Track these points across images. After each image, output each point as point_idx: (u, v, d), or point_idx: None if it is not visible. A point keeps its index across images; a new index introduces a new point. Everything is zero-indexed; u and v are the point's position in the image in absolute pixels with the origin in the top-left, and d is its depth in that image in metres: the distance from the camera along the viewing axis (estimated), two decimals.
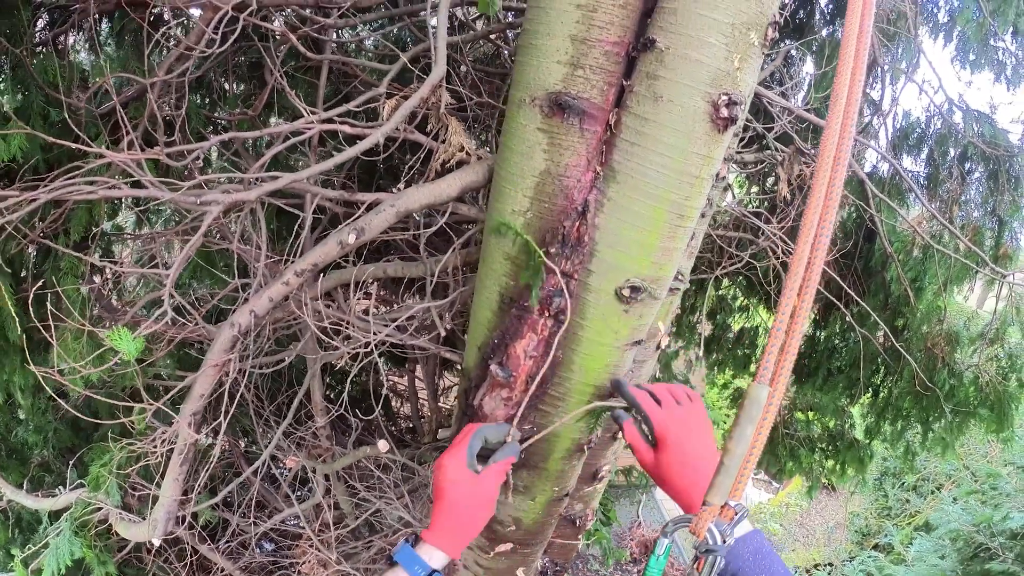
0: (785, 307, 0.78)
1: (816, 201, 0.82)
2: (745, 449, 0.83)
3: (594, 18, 1.07)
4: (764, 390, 0.80)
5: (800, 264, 0.80)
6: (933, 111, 3.27)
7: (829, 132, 0.85)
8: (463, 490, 1.09)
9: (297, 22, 1.93)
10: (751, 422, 0.81)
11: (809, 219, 0.81)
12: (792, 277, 0.80)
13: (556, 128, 1.11)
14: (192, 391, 1.62)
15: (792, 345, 0.83)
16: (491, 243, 1.25)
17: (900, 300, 3.30)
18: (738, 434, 0.81)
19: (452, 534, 1.07)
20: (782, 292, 0.79)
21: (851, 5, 0.97)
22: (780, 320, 0.79)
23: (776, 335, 0.78)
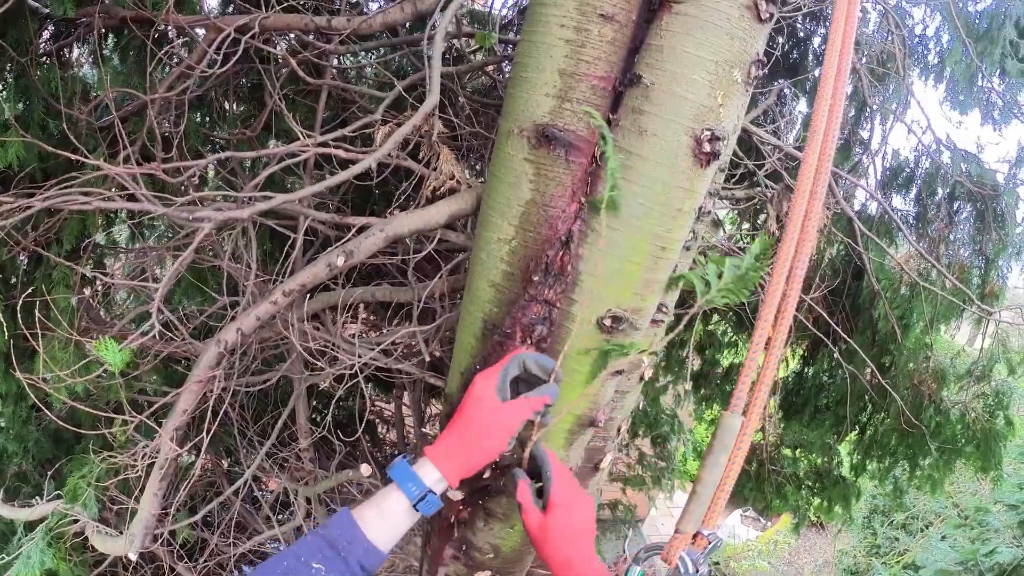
0: (759, 338, 0.80)
1: (791, 233, 0.84)
2: (718, 477, 0.84)
3: (582, 53, 1.10)
4: (737, 419, 0.81)
5: (775, 294, 0.81)
6: (922, 151, 3.32)
7: (806, 167, 0.87)
8: (483, 412, 1.03)
9: (298, 46, 1.97)
10: (724, 450, 0.83)
11: (785, 251, 0.83)
12: (767, 307, 0.81)
13: (543, 159, 1.14)
14: (175, 406, 1.62)
15: (766, 376, 0.85)
16: (476, 270, 1.27)
17: (887, 337, 3.32)
18: (711, 462, 0.82)
19: (456, 456, 1.02)
20: (756, 323, 0.81)
21: (830, 46, 1.00)
22: (754, 351, 0.80)
23: (750, 365, 0.79)
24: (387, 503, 0.99)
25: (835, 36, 1.08)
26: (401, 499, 0.99)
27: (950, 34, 3.23)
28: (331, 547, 0.90)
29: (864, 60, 3.05)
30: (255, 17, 1.69)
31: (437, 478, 1.01)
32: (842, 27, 1.08)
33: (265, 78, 2.02)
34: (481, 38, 1.61)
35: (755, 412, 0.81)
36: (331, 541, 0.91)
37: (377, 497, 1.00)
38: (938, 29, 3.44)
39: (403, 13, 1.55)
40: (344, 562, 0.90)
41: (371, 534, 0.94)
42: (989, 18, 3.06)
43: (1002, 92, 3.26)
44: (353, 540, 0.92)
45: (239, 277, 1.81)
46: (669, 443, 4.42)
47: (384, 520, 0.97)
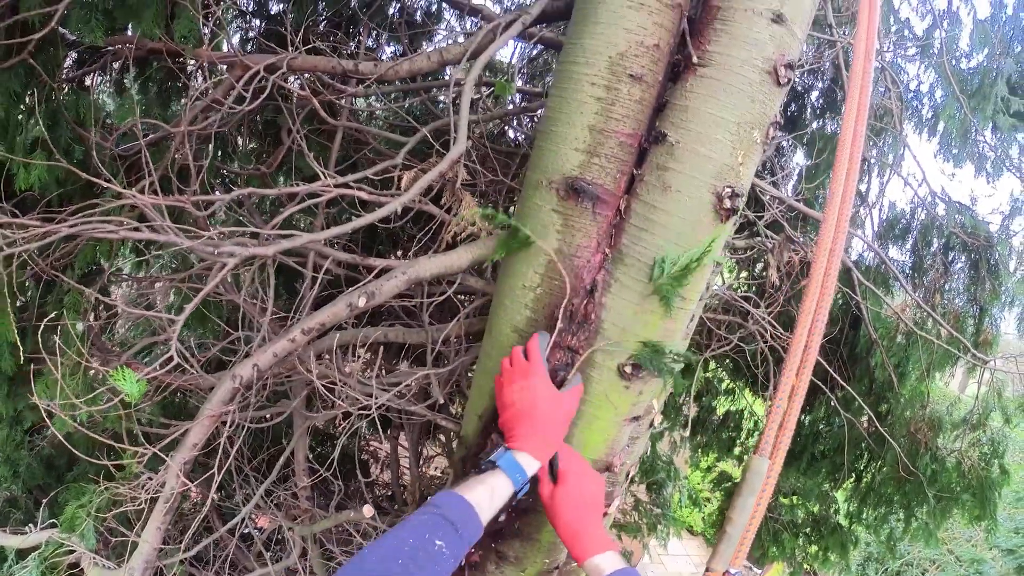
0: (784, 386, 0.82)
1: (813, 289, 0.87)
2: (747, 518, 0.86)
3: (612, 111, 1.15)
4: (765, 463, 0.83)
5: (799, 346, 0.84)
6: (917, 203, 3.40)
7: (826, 226, 0.91)
8: (553, 406, 1.14)
9: (318, 86, 2.01)
10: (752, 493, 0.85)
11: (807, 305, 0.86)
12: (791, 358, 0.84)
13: (570, 210, 1.17)
14: (185, 440, 1.61)
15: (790, 421, 0.87)
16: (499, 315, 1.29)
17: (884, 385, 3.35)
18: (740, 504, 0.84)
19: (544, 444, 1.12)
20: (782, 372, 0.84)
21: (847, 112, 1.05)
22: (780, 398, 0.83)
23: (775, 412, 0.82)
24: (497, 487, 1.07)
25: (851, 107, 1.13)
26: (508, 485, 1.08)
27: (944, 90, 3.34)
28: (451, 525, 0.97)
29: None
30: (283, 57, 1.74)
31: (535, 469, 1.11)
32: (856, 99, 1.13)
33: (285, 116, 2.05)
34: (500, 87, 1.66)
35: (780, 456, 0.84)
36: (451, 520, 0.97)
37: (485, 482, 1.07)
38: (932, 85, 3.56)
39: (429, 62, 1.59)
40: (460, 539, 0.97)
41: (482, 514, 1.03)
42: (981, 75, 3.17)
43: (994, 146, 3.36)
44: (469, 520, 1.00)
45: (253, 313, 1.82)
46: (665, 490, 4.38)
47: (493, 502, 1.06)
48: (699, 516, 8.35)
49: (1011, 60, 3.26)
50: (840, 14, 3.01)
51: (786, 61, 1.15)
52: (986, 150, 3.42)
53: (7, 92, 1.81)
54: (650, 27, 1.15)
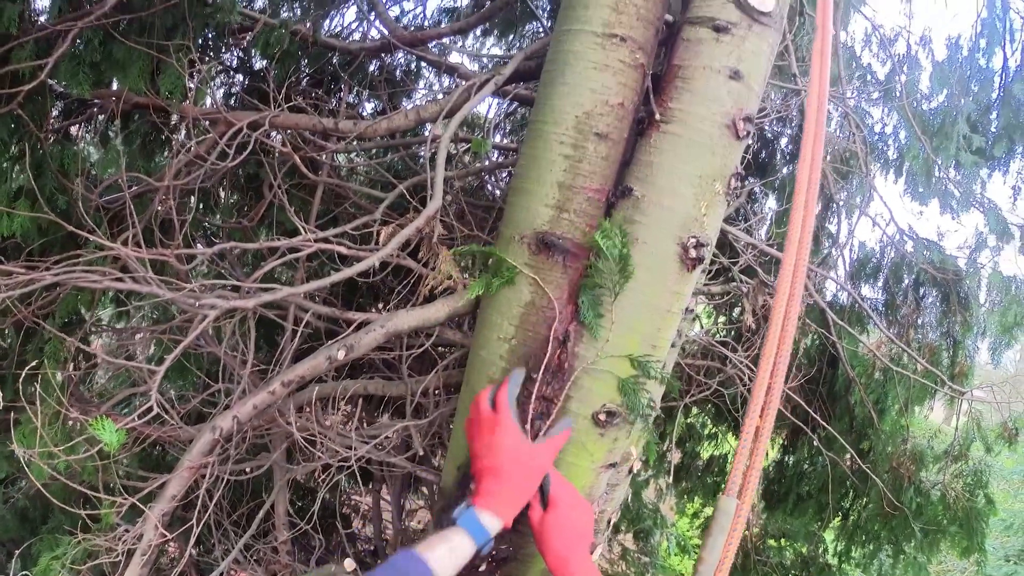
0: (749, 427, 0.85)
1: (773, 332, 0.91)
2: (718, 557, 0.87)
3: (579, 167, 1.20)
4: (733, 502, 0.85)
5: (761, 388, 0.87)
6: (886, 241, 3.49)
7: (784, 273, 0.95)
8: (521, 461, 1.13)
9: (299, 142, 2.06)
10: (722, 532, 0.87)
11: (768, 349, 0.90)
12: (754, 400, 0.87)
13: (542, 264, 1.21)
14: (164, 491, 1.59)
15: (756, 462, 0.90)
16: (475, 366, 1.31)
17: (865, 422, 3.38)
18: (711, 543, 0.86)
19: (508, 503, 1.11)
20: (746, 414, 0.86)
21: (801, 166, 1.10)
22: (745, 439, 0.85)
23: (741, 452, 0.84)
24: (458, 545, 1.06)
25: (806, 153, 1.19)
26: (469, 542, 1.06)
27: (907, 131, 3.47)
28: None
29: (828, 159, 3.26)
30: (266, 115, 1.79)
31: (497, 528, 1.09)
32: (811, 145, 1.20)
33: (267, 170, 2.10)
34: (476, 144, 1.72)
35: (748, 495, 0.86)
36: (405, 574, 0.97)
37: (446, 539, 1.06)
38: (896, 127, 3.69)
39: (406, 120, 1.65)
40: None
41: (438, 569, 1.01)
42: (942, 115, 3.31)
43: (958, 183, 3.48)
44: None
45: (234, 365, 1.82)
46: (652, 537, 4.35)
47: (454, 560, 1.05)
48: (689, 563, 8.21)
49: (970, 100, 3.40)
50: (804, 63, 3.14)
51: (744, 115, 1.21)
52: (951, 187, 3.53)
53: None
54: (614, 87, 1.21)
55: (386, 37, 2.16)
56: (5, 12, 1.58)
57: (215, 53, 2.48)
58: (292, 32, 2.14)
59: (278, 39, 2.08)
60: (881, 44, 3.60)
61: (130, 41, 1.87)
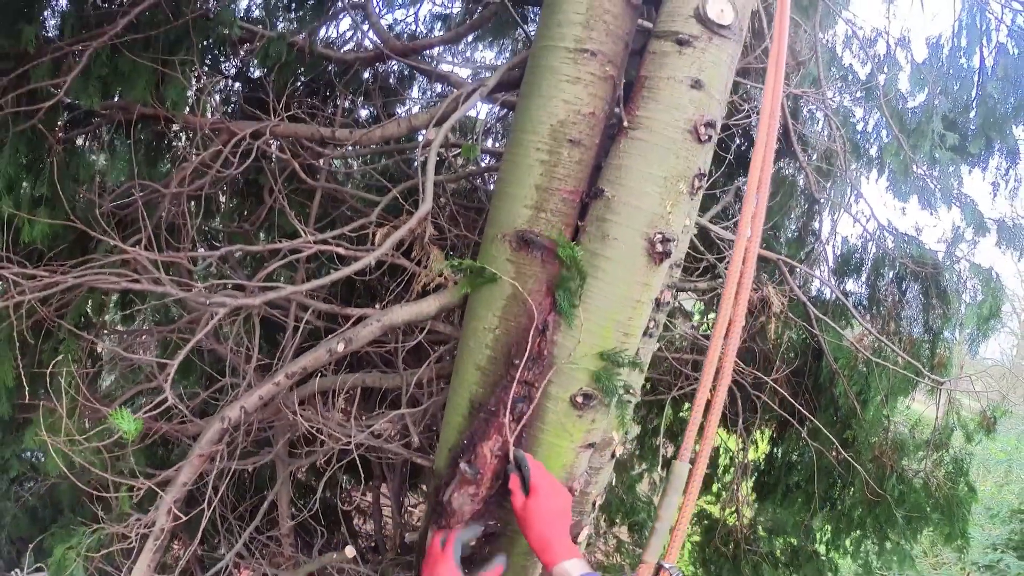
0: (700, 400, 0.96)
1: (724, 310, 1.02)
2: (673, 515, 0.99)
3: (555, 172, 1.32)
4: (685, 467, 0.97)
5: (711, 366, 0.98)
6: (868, 237, 3.59)
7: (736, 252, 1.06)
8: None
9: (298, 149, 2.17)
10: (676, 492, 0.98)
11: (718, 329, 1.01)
12: (705, 377, 0.98)
13: (522, 260, 1.33)
14: (176, 480, 1.69)
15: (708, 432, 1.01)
16: (464, 355, 1.43)
17: (849, 413, 3.46)
18: (666, 503, 0.98)
19: None
20: (698, 390, 0.98)
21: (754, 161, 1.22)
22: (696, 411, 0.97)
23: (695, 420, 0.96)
24: None
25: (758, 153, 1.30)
26: None
27: (888, 130, 3.57)
28: None
29: (812, 158, 3.37)
30: (266, 124, 1.90)
31: None
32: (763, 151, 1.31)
33: (267, 176, 2.20)
34: (466, 150, 1.83)
35: (701, 462, 0.97)
36: None
37: None
38: (877, 125, 3.79)
39: (399, 128, 1.77)
40: None
41: None
42: (922, 114, 3.40)
43: (936, 179, 3.58)
44: None
45: (238, 362, 1.93)
46: (646, 530, 4.44)
47: None
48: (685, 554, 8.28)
49: (948, 99, 3.50)
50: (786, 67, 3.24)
51: (706, 120, 1.32)
52: (928, 183, 3.63)
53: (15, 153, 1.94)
54: (586, 97, 1.33)
55: (379, 47, 2.27)
56: (24, 33, 1.69)
57: (215, 64, 2.59)
58: (290, 43, 2.25)
59: (277, 50, 2.18)
60: (861, 45, 3.70)
61: (135, 55, 1.98)
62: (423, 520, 1.64)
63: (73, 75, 1.69)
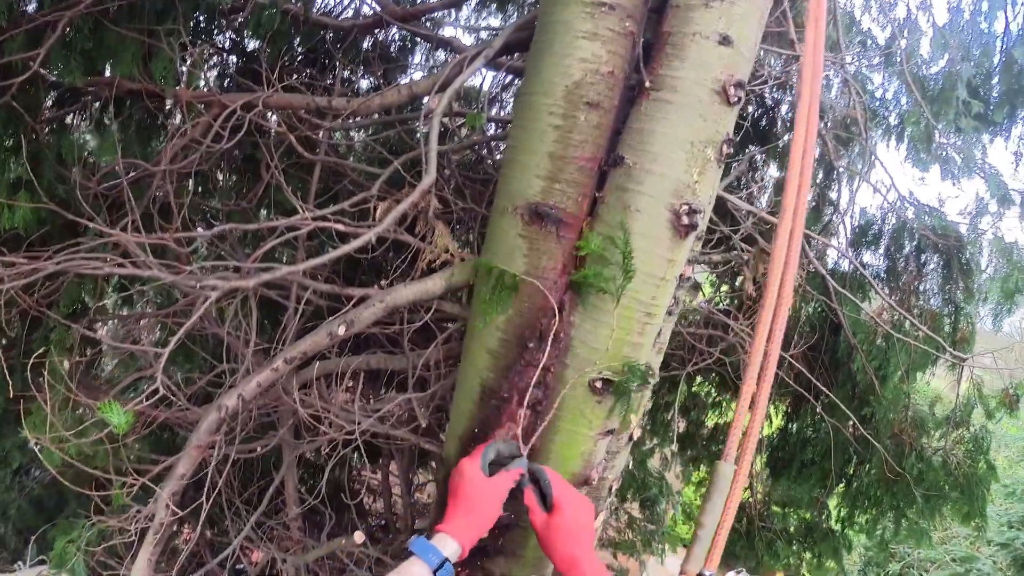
0: (746, 395, 0.87)
1: (769, 299, 0.92)
2: (716, 519, 0.90)
3: (570, 138, 1.20)
4: (730, 467, 0.87)
5: (758, 355, 0.89)
6: (888, 208, 3.47)
7: (781, 230, 0.96)
8: (478, 488, 1.17)
9: (295, 121, 2.06)
10: (721, 495, 0.89)
11: (764, 315, 0.91)
12: (751, 367, 0.89)
13: (535, 234, 1.22)
14: (173, 471, 1.62)
15: (754, 429, 0.92)
16: (473, 338, 1.33)
17: (867, 389, 3.38)
18: (710, 507, 0.89)
19: (465, 526, 1.15)
20: (742, 384, 0.88)
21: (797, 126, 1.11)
22: (741, 406, 0.87)
23: (739, 420, 0.86)
24: (411, 572, 1.08)
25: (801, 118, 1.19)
26: (424, 568, 1.08)
27: (908, 97, 3.44)
28: None
29: (829, 125, 3.23)
30: (259, 96, 1.79)
31: (454, 548, 1.12)
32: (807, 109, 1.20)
33: (263, 151, 2.10)
34: (471, 118, 1.72)
35: (745, 461, 0.88)
36: None
37: (400, 568, 1.09)
38: (896, 92, 3.65)
39: (400, 95, 1.65)
40: None
41: None
42: (943, 80, 3.27)
43: (959, 148, 3.45)
44: None
45: (237, 345, 1.85)
46: (658, 506, 4.39)
47: None
48: None
49: (970, 64, 3.36)
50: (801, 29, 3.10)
51: (735, 80, 1.21)
52: (951, 152, 3.50)
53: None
54: (604, 55, 1.21)
55: (379, 13, 2.15)
56: None
57: (207, 36, 2.47)
58: (283, 11, 2.13)
59: (270, 19, 2.06)
60: (881, 8, 3.54)
61: (121, 27, 1.86)
62: (433, 510, 1.56)
63: (47, 46, 1.58)
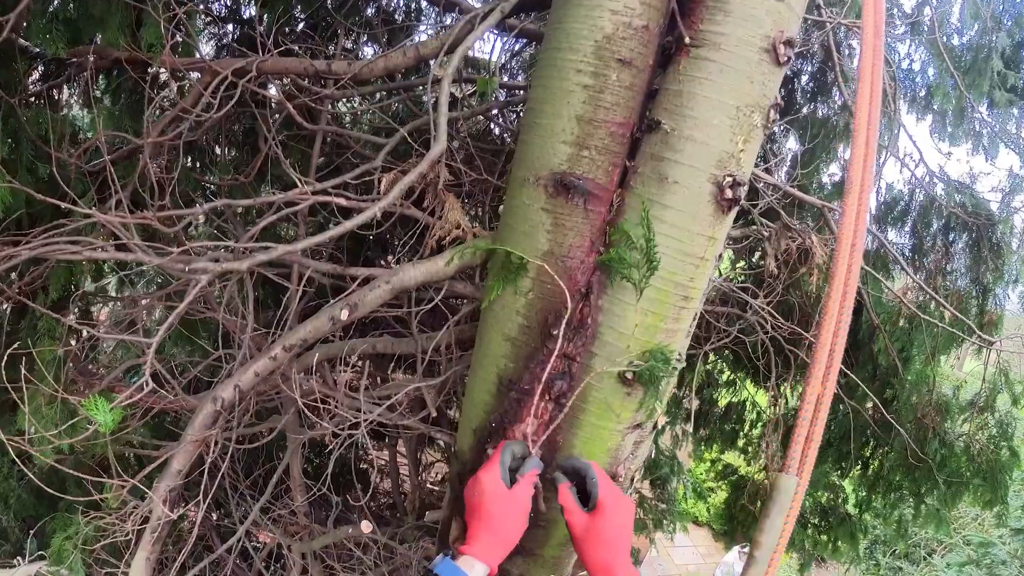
0: (810, 395, 0.75)
1: (836, 288, 0.80)
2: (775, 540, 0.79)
3: (600, 99, 1.07)
4: (793, 480, 0.76)
5: (824, 350, 0.77)
6: (915, 183, 3.34)
7: (845, 220, 0.83)
8: (500, 503, 1.09)
9: (294, 90, 1.93)
10: (781, 513, 0.78)
11: (830, 307, 0.79)
12: (816, 365, 0.77)
13: (560, 208, 1.09)
14: (169, 466, 1.53)
15: (816, 433, 0.80)
16: (489, 323, 1.21)
17: (888, 371, 3.28)
18: (768, 525, 0.78)
19: (491, 546, 1.07)
20: (807, 381, 0.76)
21: (860, 95, 0.97)
22: (805, 410, 0.75)
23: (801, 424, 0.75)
24: None
25: (864, 89, 1.05)
26: None
27: (936, 68, 3.28)
28: None
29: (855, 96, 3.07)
30: (251, 61, 1.65)
31: (481, 571, 1.05)
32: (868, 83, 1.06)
33: (259, 123, 1.97)
34: (483, 83, 1.58)
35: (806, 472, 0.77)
36: None
37: None
38: (924, 63, 3.49)
39: (405, 58, 1.51)
40: None
41: None
42: (974, 51, 3.12)
43: (990, 122, 3.30)
44: None
45: (233, 329, 1.74)
46: (669, 485, 4.32)
47: None
48: (704, 507, 8.30)
49: (1003, 34, 3.20)
50: None
51: (785, 38, 1.07)
52: (982, 127, 3.36)
53: None
54: (637, 7, 1.07)
55: None
56: None
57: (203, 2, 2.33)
58: None
59: None
60: None
61: None
62: (445, 506, 1.46)
63: (18, 10, 1.44)
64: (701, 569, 8.32)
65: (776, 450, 3.98)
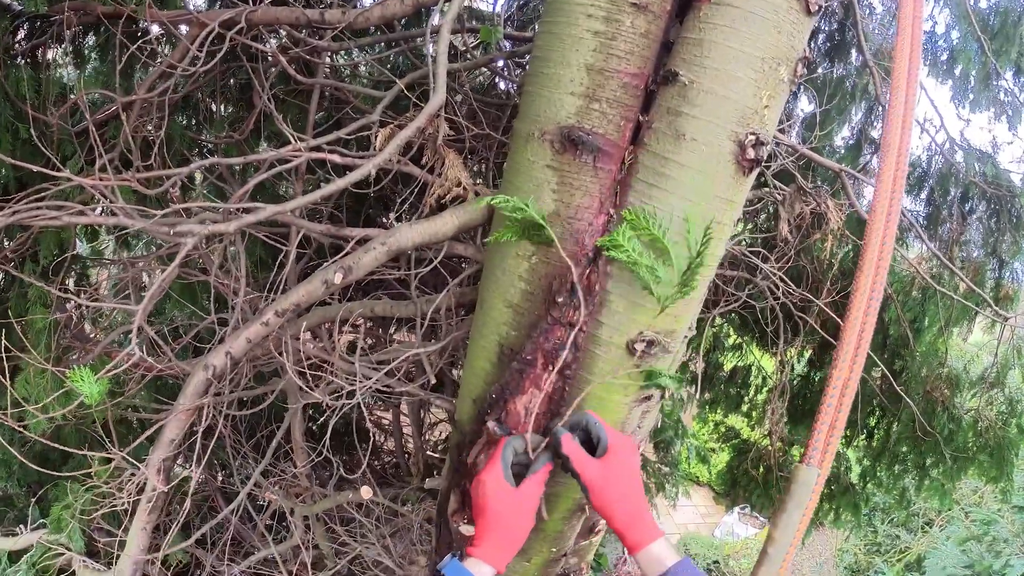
0: (836, 381, 0.69)
1: (868, 264, 0.73)
2: (792, 536, 0.74)
3: (613, 46, 0.98)
4: (814, 473, 0.71)
5: (852, 332, 0.70)
6: (934, 150, 3.23)
7: (881, 189, 0.76)
8: (505, 503, 1.05)
9: (290, 43, 1.84)
10: (799, 507, 0.73)
11: (861, 283, 0.72)
12: (844, 346, 0.70)
13: (568, 166, 1.01)
14: (162, 436, 1.49)
15: (840, 421, 0.74)
16: (490, 288, 1.14)
17: (899, 341, 3.22)
18: (784, 520, 0.73)
19: (498, 548, 1.05)
20: (833, 364, 0.70)
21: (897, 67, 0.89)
22: (829, 396, 0.69)
23: (825, 412, 0.69)
24: None
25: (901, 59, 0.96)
26: None
27: (960, 31, 3.15)
28: None
29: (875, 57, 2.95)
30: (241, 11, 1.56)
31: (487, 571, 1.03)
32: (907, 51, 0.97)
33: (253, 77, 1.88)
34: (486, 33, 1.49)
35: (828, 463, 0.71)
36: None
37: None
38: (948, 26, 3.35)
39: (403, 6, 1.42)
40: None
41: None
42: (1003, 15, 2.98)
43: (1015, 91, 3.19)
44: None
45: (227, 292, 1.68)
46: (672, 448, 4.32)
47: None
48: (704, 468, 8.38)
49: None
50: None
51: None
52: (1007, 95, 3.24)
53: None
54: None
55: None
56: None
57: None
58: None
59: None
60: None
61: None
62: (444, 476, 1.42)
63: None
64: (700, 528, 8.43)
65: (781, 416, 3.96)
